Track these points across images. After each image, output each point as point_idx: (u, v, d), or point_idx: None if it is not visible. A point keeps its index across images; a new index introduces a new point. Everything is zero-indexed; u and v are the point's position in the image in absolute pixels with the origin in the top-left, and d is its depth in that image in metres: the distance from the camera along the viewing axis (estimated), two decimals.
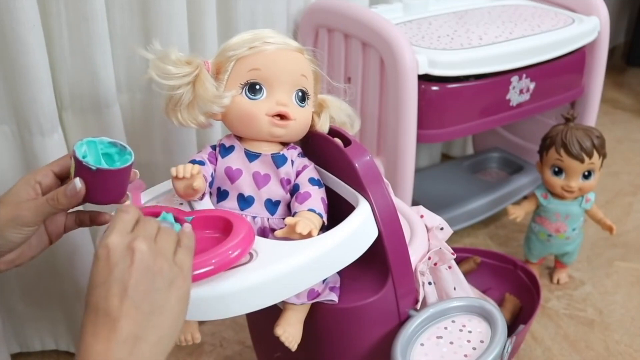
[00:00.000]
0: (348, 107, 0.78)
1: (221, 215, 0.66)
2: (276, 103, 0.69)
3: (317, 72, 0.74)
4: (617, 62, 2.42)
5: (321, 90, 0.77)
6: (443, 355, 0.71)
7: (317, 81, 0.74)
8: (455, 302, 0.77)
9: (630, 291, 1.22)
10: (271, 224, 0.70)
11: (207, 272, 0.58)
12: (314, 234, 0.64)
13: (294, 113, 0.70)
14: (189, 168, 0.65)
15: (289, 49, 0.70)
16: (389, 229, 0.70)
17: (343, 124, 0.77)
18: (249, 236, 0.62)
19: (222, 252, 0.59)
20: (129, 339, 0.48)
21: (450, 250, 0.78)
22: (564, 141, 1.11)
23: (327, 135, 0.74)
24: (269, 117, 0.69)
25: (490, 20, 1.23)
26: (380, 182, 0.70)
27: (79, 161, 0.61)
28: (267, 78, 0.69)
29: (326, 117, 0.75)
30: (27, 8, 0.78)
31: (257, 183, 0.70)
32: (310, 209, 0.67)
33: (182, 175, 0.65)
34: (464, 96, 1.11)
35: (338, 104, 0.77)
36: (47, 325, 1.05)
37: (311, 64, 0.73)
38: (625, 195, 1.56)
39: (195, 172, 0.65)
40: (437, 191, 1.43)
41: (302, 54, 0.72)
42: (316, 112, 0.75)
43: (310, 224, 0.64)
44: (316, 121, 0.74)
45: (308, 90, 0.72)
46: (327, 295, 0.71)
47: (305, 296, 0.70)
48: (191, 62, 0.68)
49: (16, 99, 0.84)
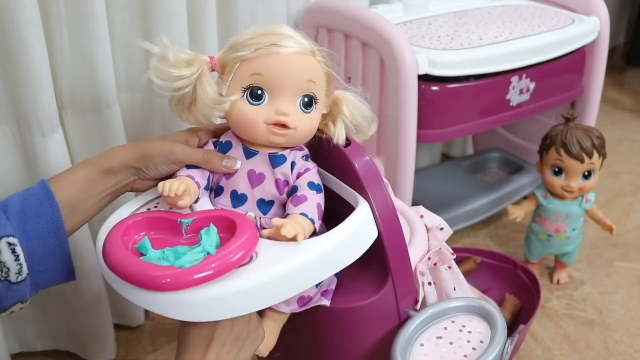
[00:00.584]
0: (367, 108, 0.73)
1: (224, 215, 0.66)
2: (275, 112, 0.66)
3: (329, 74, 0.70)
4: (617, 62, 2.42)
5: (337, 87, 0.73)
6: (443, 355, 0.71)
7: (329, 83, 0.71)
8: (455, 303, 0.77)
9: (630, 291, 1.22)
10: (263, 223, 0.69)
11: (206, 277, 0.57)
12: (300, 239, 0.62)
13: (295, 121, 0.67)
14: (175, 187, 0.64)
15: (298, 53, 0.66)
16: (389, 229, 0.70)
17: (358, 126, 0.73)
18: (252, 238, 0.61)
19: (223, 255, 0.59)
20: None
21: (450, 251, 0.78)
22: (564, 141, 1.11)
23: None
24: (268, 125, 0.67)
25: (490, 20, 1.23)
26: (380, 182, 0.70)
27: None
28: (270, 84, 0.66)
29: (341, 126, 0.71)
30: (27, 8, 0.78)
31: (251, 181, 0.69)
32: (302, 212, 0.66)
33: (167, 194, 0.64)
34: (464, 96, 1.11)
35: (356, 102, 0.72)
36: (47, 325, 1.05)
37: (324, 66, 0.69)
38: (625, 195, 1.56)
39: (180, 192, 0.64)
40: (437, 191, 1.43)
41: (313, 57, 0.68)
42: (331, 118, 0.72)
43: (298, 228, 0.62)
44: (331, 130, 0.71)
45: (316, 95, 0.69)
46: (318, 300, 0.70)
47: (296, 303, 0.69)
48: (192, 62, 0.67)
49: (16, 99, 0.84)
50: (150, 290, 0.58)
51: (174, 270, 0.58)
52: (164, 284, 0.57)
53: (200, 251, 0.62)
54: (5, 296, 0.62)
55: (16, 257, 0.62)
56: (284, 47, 0.65)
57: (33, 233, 0.64)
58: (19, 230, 0.63)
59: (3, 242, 0.61)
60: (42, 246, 0.65)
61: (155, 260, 0.61)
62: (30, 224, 0.64)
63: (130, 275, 0.59)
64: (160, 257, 0.62)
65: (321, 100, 0.70)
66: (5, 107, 0.85)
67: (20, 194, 0.66)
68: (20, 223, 0.64)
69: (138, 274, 0.58)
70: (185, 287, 0.57)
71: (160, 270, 0.58)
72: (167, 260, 0.61)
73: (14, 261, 0.62)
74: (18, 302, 0.64)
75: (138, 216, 0.66)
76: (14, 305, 0.64)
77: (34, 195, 0.66)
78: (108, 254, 0.61)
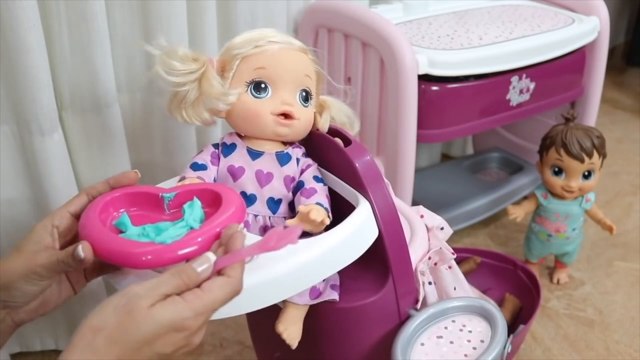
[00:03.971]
0: (348, 108, 0.78)
1: (209, 188, 0.63)
2: (281, 102, 0.69)
3: (319, 73, 0.74)
4: (617, 62, 2.42)
5: (322, 92, 0.77)
6: (443, 354, 0.72)
7: (319, 82, 0.75)
8: (456, 302, 0.77)
9: (630, 291, 1.22)
10: (272, 223, 0.70)
11: (191, 252, 0.55)
12: (327, 222, 0.65)
13: (298, 113, 0.70)
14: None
15: (293, 49, 0.71)
16: (390, 229, 0.70)
17: (343, 125, 0.77)
18: (239, 211, 0.59)
19: (209, 229, 0.56)
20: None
21: (450, 250, 0.78)
22: (564, 141, 1.11)
23: (327, 135, 0.74)
24: (274, 116, 0.69)
25: (490, 20, 1.23)
26: (380, 182, 0.70)
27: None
28: (273, 77, 0.69)
29: (327, 117, 0.75)
30: (27, 8, 0.78)
31: (259, 181, 0.70)
32: (318, 202, 0.68)
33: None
34: (464, 96, 1.11)
35: (338, 105, 0.77)
36: (47, 325, 1.05)
37: (314, 64, 0.73)
38: (625, 195, 1.56)
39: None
40: (437, 191, 1.43)
41: (305, 54, 0.72)
42: (318, 111, 0.75)
43: (323, 213, 0.65)
44: (317, 120, 0.75)
45: (311, 91, 0.72)
46: (329, 294, 0.71)
47: (308, 296, 0.70)
48: (197, 59, 0.68)
49: (16, 99, 0.84)
50: (131, 269, 0.55)
51: (155, 247, 0.55)
52: (145, 262, 0.54)
53: (183, 226, 0.59)
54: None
55: None
56: (279, 43, 0.69)
57: None
58: None
59: None
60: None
61: (135, 237, 0.58)
62: None
63: (108, 253, 0.56)
64: (141, 233, 0.59)
65: (314, 97, 0.73)
66: (5, 107, 0.85)
67: None
68: None
69: (117, 251, 0.55)
70: (168, 264, 0.55)
71: (140, 247, 0.55)
72: (148, 236, 0.58)
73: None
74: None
75: (117, 192, 0.63)
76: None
77: None
78: (84, 230, 0.58)
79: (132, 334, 0.49)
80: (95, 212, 0.60)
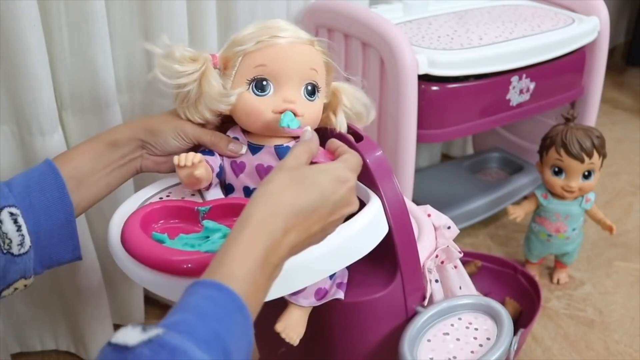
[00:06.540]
0: (363, 95, 0.75)
1: (239, 202, 0.66)
2: (283, 100, 0.68)
3: (328, 63, 0.72)
4: (617, 62, 2.42)
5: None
6: (450, 351, 0.72)
7: (329, 72, 0.72)
8: (462, 300, 0.78)
9: (630, 291, 1.22)
10: None
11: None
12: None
13: (302, 109, 0.68)
14: (191, 156, 0.65)
15: (298, 42, 0.68)
16: (399, 225, 0.70)
17: (359, 114, 0.75)
18: None
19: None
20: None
21: (457, 249, 0.78)
22: (564, 141, 1.11)
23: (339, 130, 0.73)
24: (276, 114, 0.68)
25: (490, 20, 1.23)
26: (391, 178, 0.70)
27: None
28: (274, 74, 0.68)
29: (342, 116, 0.74)
30: (27, 8, 0.77)
31: (260, 175, 0.70)
32: None
33: (184, 163, 0.65)
34: (464, 96, 1.11)
35: (352, 91, 0.75)
36: (47, 325, 1.05)
37: (323, 55, 0.71)
38: (625, 195, 1.56)
39: (196, 160, 0.65)
40: (437, 191, 1.43)
41: (312, 46, 0.70)
42: (332, 109, 0.74)
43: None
44: (333, 121, 0.73)
45: (318, 83, 0.70)
46: (335, 294, 0.71)
47: (313, 297, 0.69)
48: (196, 59, 0.67)
49: (16, 99, 0.84)
50: (171, 276, 0.58)
51: (198, 255, 0.58)
52: (186, 269, 0.57)
53: (221, 237, 0.62)
54: (9, 270, 0.60)
55: (18, 228, 0.60)
56: (284, 38, 0.67)
57: (39, 206, 0.63)
58: (24, 204, 0.62)
59: (5, 212, 0.60)
60: (48, 220, 0.64)
61: (179, 246, 0.61)
62: (35, 197, 0.63)
63: (152, 260, 0.59)
64: (185, 243, 0.62)
65: (323, 89, 0.71)
66: (5, 107, 0.85)
67: (24, 172, 0.66)
68: (25, 197, 0.63)
69: (160, 259, 0.58)
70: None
71: (183, 255, 0.58)
72: (192, 246, 0.62)
73: (16, 231, 0.60)
74: (21, 277, 0.62)
75: (156, 204, 0.67)
76: (18, 281, 0.62)
77: (36, 170, 0.66)
78: (128, 239, 0.61)
79: (311, 191, 0.55)
80: (136, 221, 0.63)
